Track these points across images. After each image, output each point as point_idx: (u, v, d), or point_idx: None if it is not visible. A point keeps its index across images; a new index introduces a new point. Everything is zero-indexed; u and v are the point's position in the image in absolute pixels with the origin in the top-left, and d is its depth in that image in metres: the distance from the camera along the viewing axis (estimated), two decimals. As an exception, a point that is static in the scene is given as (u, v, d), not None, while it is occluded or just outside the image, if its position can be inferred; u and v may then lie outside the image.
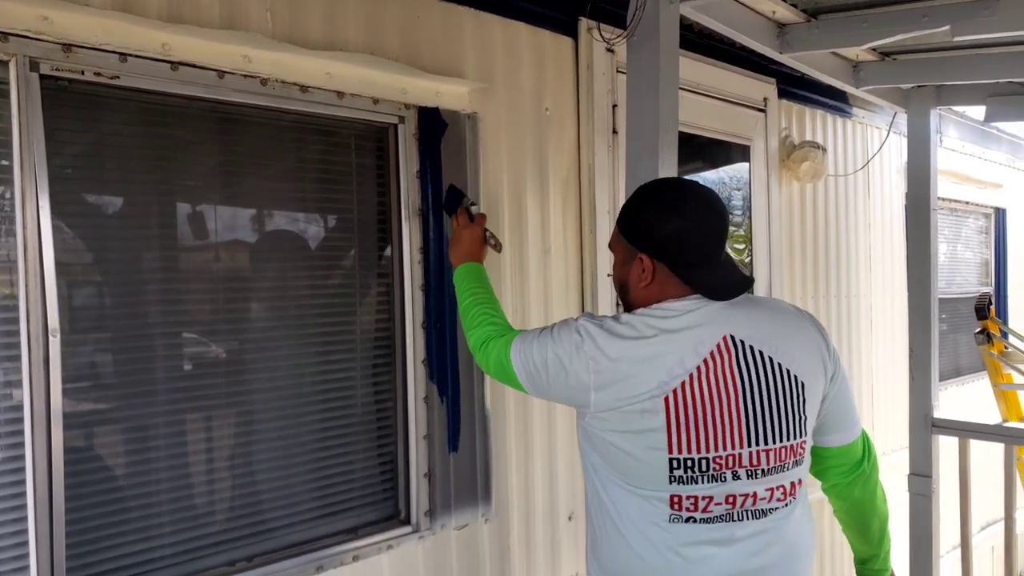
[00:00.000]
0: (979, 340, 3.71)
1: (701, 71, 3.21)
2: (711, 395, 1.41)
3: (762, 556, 1.45)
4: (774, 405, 1.45)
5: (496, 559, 2.46)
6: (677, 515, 1.42)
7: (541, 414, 2.61)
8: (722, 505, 1.42)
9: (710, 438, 1.41)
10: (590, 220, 2.79)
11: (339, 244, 2.26)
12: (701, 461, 1.41)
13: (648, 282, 1.50)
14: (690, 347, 1.42)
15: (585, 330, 1.46)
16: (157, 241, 1.90)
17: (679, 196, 1.53)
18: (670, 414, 1.39)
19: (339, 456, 2.20)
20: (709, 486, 1.41)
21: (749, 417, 1.43)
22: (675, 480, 1.41)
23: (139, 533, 1.82)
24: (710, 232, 1.50)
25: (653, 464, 1.41)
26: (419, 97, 2.27)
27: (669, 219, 1.48)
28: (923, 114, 3.70)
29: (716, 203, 1.54)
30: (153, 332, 1.87)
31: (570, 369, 1.46)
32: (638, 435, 1.41)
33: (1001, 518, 4.73)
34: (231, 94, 1.93)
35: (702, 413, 1.41)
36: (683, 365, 1.41)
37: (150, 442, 1.86)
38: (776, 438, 1.45)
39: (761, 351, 1.46)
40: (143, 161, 1.87)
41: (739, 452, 1.42)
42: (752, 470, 1.43)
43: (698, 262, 1.48)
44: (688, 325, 1.44)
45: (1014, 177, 6.31)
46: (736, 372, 1.43)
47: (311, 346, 2.16)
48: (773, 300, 1.65)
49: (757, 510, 1.45)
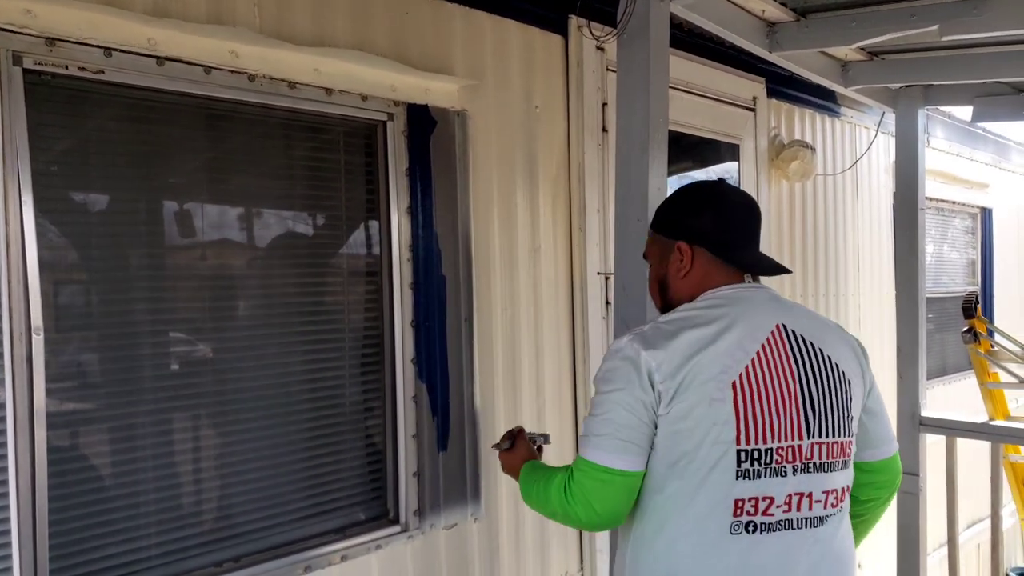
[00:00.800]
0: (966, 339, 3.73)
1: (691, 70, 3.21)
2: (771, 382, 1.37)
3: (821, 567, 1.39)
4: (827, 397, 1.41)
5: (485, 559, 2.45)
6: (738, 522, 1.34)
7: (530, 414, 2.61)
8: (781, 507, 1.36)
9: (774, 427, 1.36)
10: (580, 219, 2.78)
11: (327, 242, 2.24)
12: (766, 452, 1.35)
13: (688, 269, 1.48)
14: (747, 332, 1.39)
15: (632, 344, 1.38)
16: (143, 238, 1.88)
17: (712, 189, 1.54)
18: (737, 402, 1.34)
19: (327, 456, 2.19)
20: (770, 481, 1.35)
21: (806, 406, 1.39)
22: (741, 475, 1.34)
23: (124, 533, 1.80)
24: (746, 219, 1.52)
25: (721, 457, 1.34)
26: (408, 94, 2.26)
27: (705, 207, 1.50)
28: (911, 114, 3.72)
29: (748, 197, 1.58)
30: (138, 331, 1.85)
31: (633, 374, 1.36)
32: (706, 428, 1.34)
33: (987, 516, 4.77)
34: (218, 90, 1.91)
35: (766, 400, 1.36)
36: (743, 349, 1.37)
37: (135, 441, 1.84)
38: (829, 431, 1.41)
39: (811, 342, 1.44)
40: (128, 157, 1.85)
41: (799, 443, 1.38)
42: (807, 464, 1.39)
43: (738, 242, 1.49)
44: (740, 311, 1.42)
45: (1000, 177, 6.35)
46: (792, 360, 1.40)
47: (299, 344, 2.14)
48: (804, 306, 1.63)
49: (814, 517, 1.39)
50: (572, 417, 2.76)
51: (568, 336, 2.76)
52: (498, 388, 2.51)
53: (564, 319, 2.75)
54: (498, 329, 2.52)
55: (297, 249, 2.18)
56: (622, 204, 2.29)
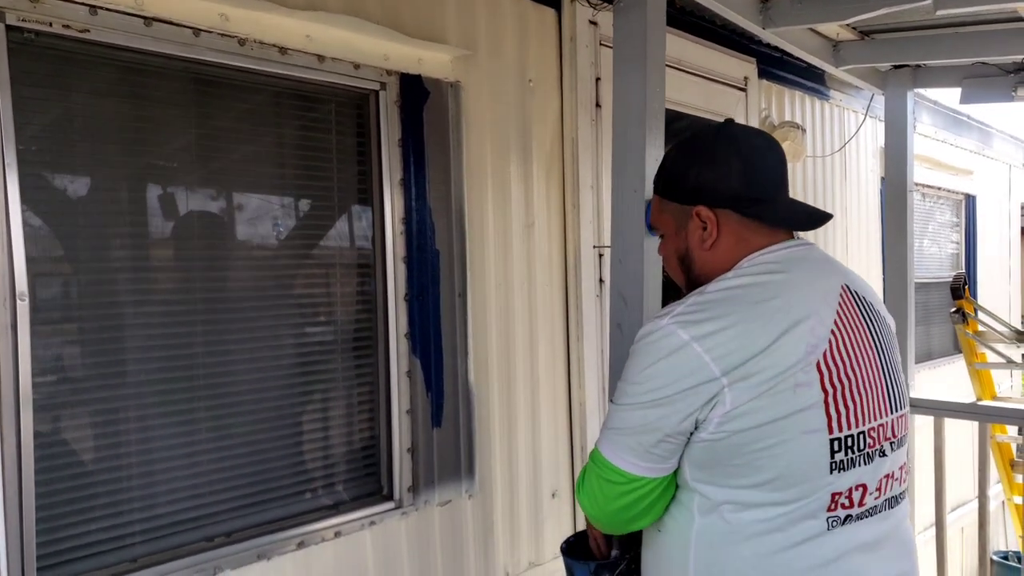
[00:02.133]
0: (954, 319, 3.75)
1: (683, 47, 3.19)
2: (855, 355, 1.18)
3: (901, 561, 1.24)
4: (895, 364, 1.25)
5: (480, 535, 2.43)
6: (835, 517, 1.16)
7: (525, 389, 2.58)
8: (873, 495, 1.19)
9: (864, 406, 1.17)
10: (573, 194, 2.75)
11: (319, 214, 2.20)
12: (859, 437, 1.17)
13: (714, 238, 1.24)
14: (819, 300, 1.18)
15: (675, 324, 1.15)
16: (129, 206, 1.83)
17: (725, 134, 1.28)
18: (825, 384, 1.13)
19: (320, 432, 2.15)
20: (864, 469, 1.18)
21: (887, 378, 1.21)
22: (836, 468, 1.14)
23: (113, 507, 1.75)
24: (772, 162, 1.27)
25: (812, 452, 1.13)
26: (401, 63, 2.22)
27: (721, 159, 1.24)
28: (900, 96, 3.73)
29: (765, 134, 1.35)
30: (127, 300, 1.80)
31: (686, 378, 1.13)
32: (792, 418, 1.12)
33: (971, 499, 4.81)
34: (207, 54, 1.86)
35: (853, 377, 1.16)
36: (823, 322, 1.16)
37: (125, 413, 1.79)
38: (902, 402, 1.24)
39: (870, 302, 1.26)
40: (114, 121, 1.79)
41: (886, 420, 1.21)
42: (892, 442, 1.22)
43: (768, 195, 1.24)
44: (803, 276, 1.20)
45: (984, 164, 6.40)
46: (865, 326, 1.21)
47: (290, 318, 2.09)
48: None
49: (892, 497, 1.23)
50: (565, 394, 2.73)
51: (562, 313, 2.73)
52: (492, 364, 2.48)
53: (558, 296, 2.72)
54: (492, 304, 2.49)
55: (287, 221, 2.14)
56: (619, 176, 2.26)
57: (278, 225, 2.12)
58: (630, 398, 1.18)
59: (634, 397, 1.17)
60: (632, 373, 1.19)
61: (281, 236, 2.12)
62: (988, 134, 6.44)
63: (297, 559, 1.98)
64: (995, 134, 6.60)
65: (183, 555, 1.81)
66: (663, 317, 1.18)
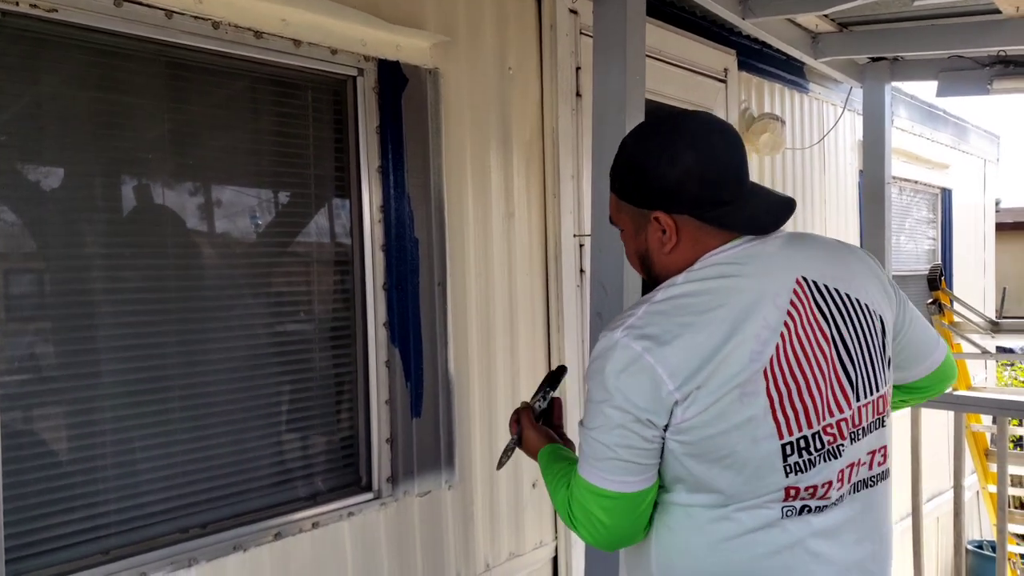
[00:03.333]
0: (931, 310, 3.79)
1: (663, 38, 3.19)
2: (806, 354, 1.15)
3: (864, 545, 1.23)
4: (865, 349, 1.21)
5: (460, 526, 2.41)
6: (790, 507, 1.16)
7: (505, 379, 2.57)
8: (836, 485, 1.18)
9: (818, 406, 1.15)
10: (554, 184, 2.74)
11: (295, 201, 2.17)
12: (814, 437, 1.15)
13: (674, 243, 1.21)
14: (768, 301, 1.15)
15: (625, 336, 1.14)
16: (99, 196, 1.79)
17: (672, 126, 1.22)
18: (770, 390, 1.12)
19: (297, 422, 2.12)
20: (825, 465, 1.16)
21: (847, 370, 1.18)
22: (791, 470, 1.14)
23: (85, 499, 1.72)
24: (729, 157, 1.21)
25: (764, 456, 1.13)
26: (379, 49, 2.19)
27: (677, 157, 1.18)
28: (878, 88, 3.76)
29: (720, 122, 1.28)
30: (98, 288, 1.76)
31: (639, 391, 1.13)
32: (741, 428, 1.12)
33: (946, 489, 4.87)
34: (180, 36, 1.82)
35: (803, 379, 1.14)
36: (769, 326, 1.13)
37: (98, 404, 1.75)
38: (873, 388, 1.21)
39: (836, 288, 1.21)
40: (85, 107, 1.76)
41: (848, 414, 1.18)
42: (857, 431, 1.20)
43: (728, 197, 1.19)
44: (754, 275, 1.17)
45: (960, 159, 6.48)
46: (822, 319, 1.17)
47: (266, 308, 2.07)
48: (811, 234, 1.38)
49: (859, 482, 1.22)
50: (546, 385, 2.72)
51: (543, 302, 2.72)
52: (472, 353, 2.46)
53: (538, 286, 2.71)
54: (472, 294, 2.47)
55: (263, 208, 2.11)
56: (599, 165, 2.26)
57: (253, 213, 2.08)
58: (600, 420, 1.17)
59: (603, 419, 1.16)
60: (596, 393, 1.18)
61: (256, 224, 2.09)
62: (964, 129, 6.51)
63: (274, 550, 1.96)
64: (971, 129, 6.68)
65: (157, 547, 1.78)
66: (616, 329, 1.17)
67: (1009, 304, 14.27)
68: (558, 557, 2.77)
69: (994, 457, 3.88)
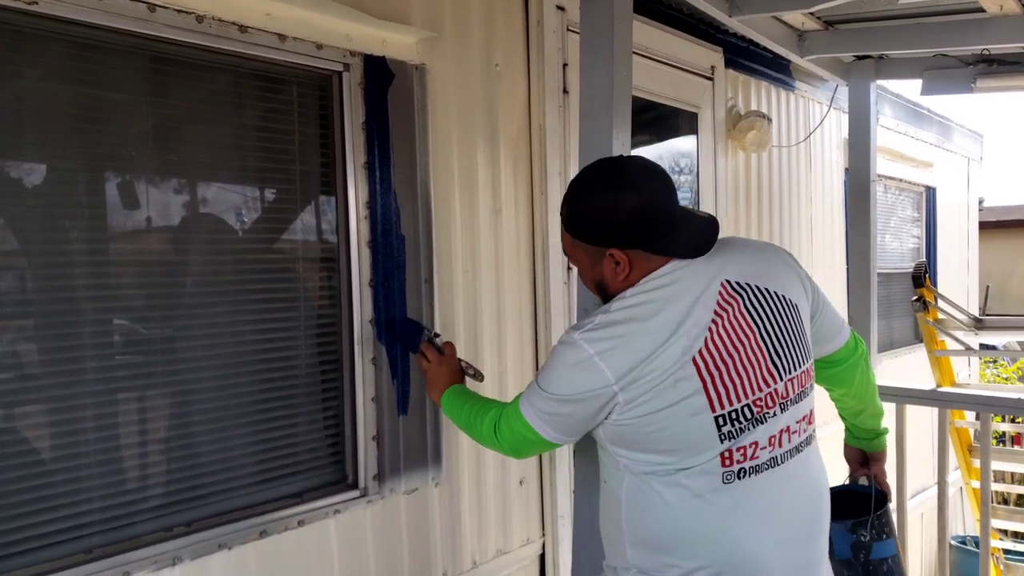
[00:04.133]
0: (916, 307, 3.81)
1: (651, 35, 3.19)
2: (733, 342, 1.42)
3: (803, 502, 1.50)
4: (786, 333, 1.47)
5: (447, 524, 2.40)
6: (729, 471, 1.42)
7: (492, 376, 2.56)
8: (766, 449, 1.44)
9: (745, 384, 1.42)
10: (541, 181, 2.74)
11: (280, 197, 2.15)
12: (744, 409, 1.41)
13: (627, 272, 1.47)
14: (699, 305, 1.42)
15: (584, 340, 1.42)
16: (83, 187, 1.77)
17: (617, 174, 1.48)
18: (702, 374, 1.39)
19: (282, 420, 2.10)
20: (756, 431, 1.42)
21: (771, 351, 1.45)
22: (725, 437, 1.41)
23: (66, 498, 1.69)
24: (663, 192, 1.47)
25: (700, 429, 1.40)
26: (365, 44, 2.18)
27: (622, 202, 1.44)
28: (864, 87, 3.78)
29: (647, 161, 1.54)
30: (80, 284, 1.74)
31: (586, 386, 1.42)
32: (677, 406, 1.39)
33: (930, 485, 4.91)
34: (164, 30, 1.80)
35: (731, 362, 1.41)
36: (698, 324, 1.41)
37: (80, 401, 1.72)
38: (795, 364, 1.47)
39: (757, 285, 1.47)
40: (66, 101, 1.73)
41: (773, 388, 1.44)
42: (785, 402, 1.46)
43: (668, 228, 1.45)
44: (686, 286, 1.44)
45: (944, 157, 6.52)
46: (747, 313, 1.44)
47: (251, 304, 2.05)
48: (736, 238, 1.66)
49: (792, 448, 1.48)
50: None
51: (530, 300, 2.72)
52: (460, 351, 2.44)
53: (526, 283, 2.71)
54: (459, 291, 2.46)
55: (247, 205, 2.09)
56: (586, 163, 2.25)
57: (237, 210, 2.07)
58: (545, 390, 1.48)
59: (549, 390, 1.48)
60: (550, 371, 1.48)
61: (241, 220, 2.07)
62: (948, 128, 6.56)
63: (259, 548, 1.95)
64: (955, 128, 6.73)
65: (140, 545, 1.76)
66: (577, 330, 1.45)
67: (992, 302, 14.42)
68: (545, 554, 2.77)
69: (977, 453, 3.92)
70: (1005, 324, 4.85)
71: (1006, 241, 14.91)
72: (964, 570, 5.22)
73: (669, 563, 1.46)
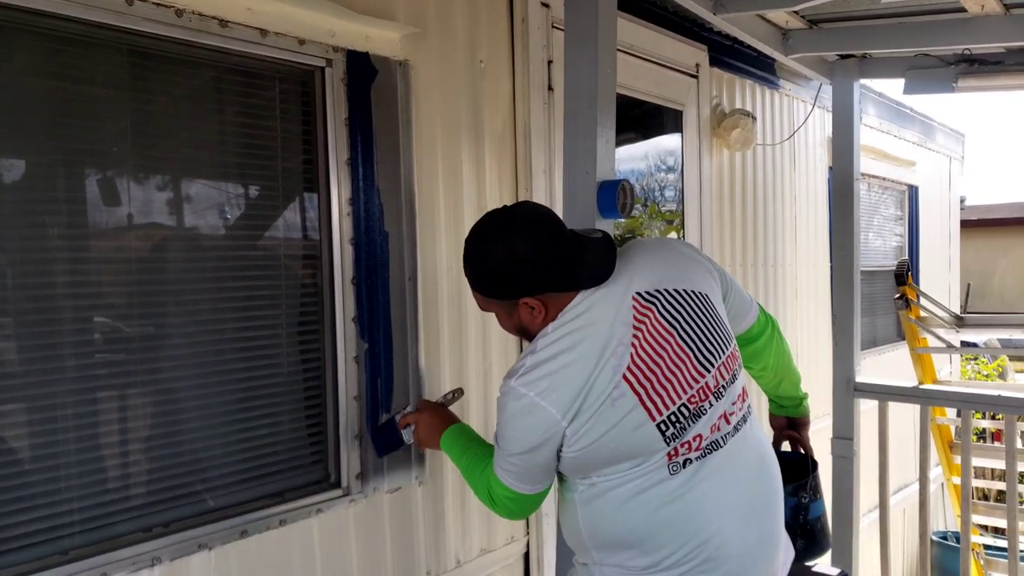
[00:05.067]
0: (898, 305, 3.84)
1: (635, 32, 3.19)
2: (657, 351, 1.49)
3: (748, 474, 1.57)
4: (704, 327, 1.54)
5: (430, 523, 2.39)
6: (675, 463, 1.49)
7: (477, 374, 2.55)
8: (709, 437, 1.51)
9: (677, 386, 1.48)
10: (526, 179, 2.73)
11: (262, 195, 2.13)
12: (681, 409, 1.48)
13: (544, 314, 1.53)
14: (617, 324, 1.48)
15: (522, 386, 1.48)
16: (62, 183, 1.74)
17: (506, 227, 1.52)
18: (635, 388, 1.46)
19: (264, 419, 2.08)
20: (696, 425, 1.50)
21: (695, 349, 1.52)
22: (670, 439, 1.48)
23: (41, 499, 1.67)
24: (556, 235, 1.52)
25: (645, 439, 1.47)
26: (348, 40, 2.16)
27: (521, 254, 1.48)
28: (847, 86, 3.80)
29: (533, 207, 1.64)
30: (58, 281, 1.71)
31: (540, 431, 1.47)
32: (619, 425, 1.46)
33: (912, 481, 4.95)
34: (142, 23, 1.78)
35: (659, 370, 1.48)
36: (623, 342, 1.47)
37: (58, 399, 1.70)
38: (720, 352, 1.55)
39: (666, 289, 1.54)
40: (42, 97, 1.70)
41: (703, 381, 1.51)
42: (718, 390, 1.54)
43: (570, 264, 1.51)
44: (601, 310, 1.50)
45: (926, 156, 6.57)
46: (663, 319, 1.51)
47: (233, 301, 2.02)
48: (637, 243, 1.70)
49: (732, 428, 1.56)
50: (518, 380, 2.71)
51: (514, 298, 2.70)
52: (444, 349, 2.44)
53: (510, 281, 2.69)
54: (444, 289, 2.45)
55: (228, 201, 2.06)
56: (571, 160, 2.25)
57: (218, 206, 2.04)
58: (507, 451, 1.55)
59: (509, 450, 1.54)
60: (503, 429, 1.54)
61: (222, 217, 2.05)
62: (930, 127, 6.61)
63: (240, 548, 1.93)
64: (937, 127, 6.78)
65: (118, 546, 1.74)
66: (512, 377, 1.51)
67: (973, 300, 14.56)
68: (530, 552, 2.76)
69: (958, 450, 3.95)
70: (986, 322, 4.90)
71: (987, 240, 15.09)
72: (945, 565, 5.27)
73: (634, 557, 1.53)
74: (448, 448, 1.90)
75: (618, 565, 1.56)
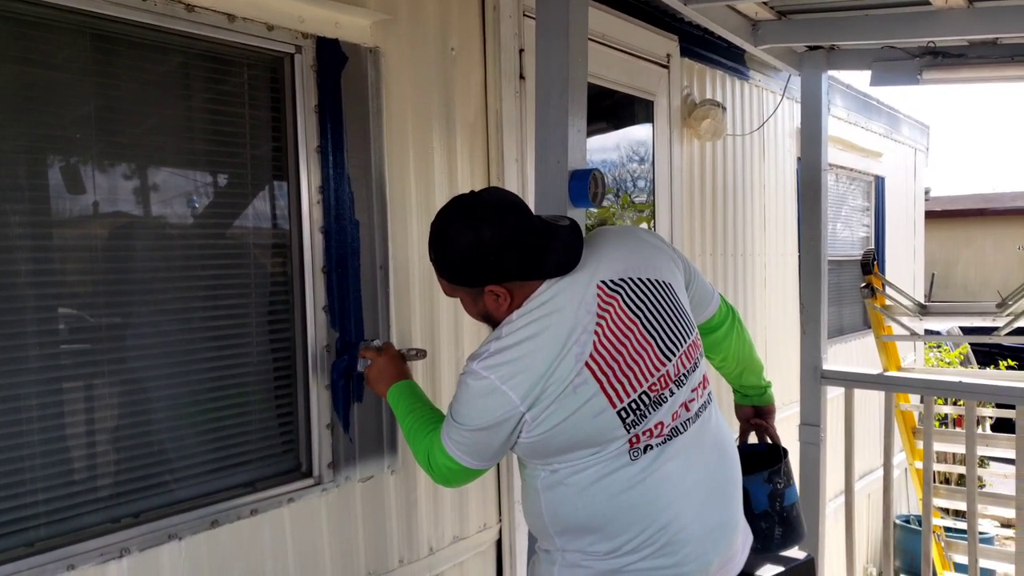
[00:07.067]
0: (864, 294, 3.90)
1: (606, 22, 3.19)
2: (620, 339, 1.49)
3: (708, 462, 1.59)
4: (667, 315, 1.55)
5: (403, 511, 2.40)
6: (636, 449, 1.51)
7: (449, 363, 2.56)
8: (670, 424, 1.53)
9: (639, 374, 1.50)
10: (498, 167, 2.73)
11: (230, 183, 2.10)
12: (642, 396, 1.49)
13: (509, 302, 1.53)
14: (581, 312, 1.49)
15: (484, 369, 1.48)
16: (24, 168, 1.70)
17: (472, 213, 1.51)
18: (597, 375, 1.46)
19: (234, 408, 2.07)
20: (656, 412, 1.51)
21: (657, 338, 1.53)
22: (630, 426, 1.49)
23: (8, 489, 1.64)
24: (523, 221, 1.51)
25: (605, 426, 1.48)
26: (317, 27, 2.14)
27: (487, 241, 1.47)
28: (815, 77, 3.84)
29: (501, 193, 1.61)
30: (21, 270, 1.68)
31: (497, 413, 1.48)
32: (580, 411, 1.47)
33: (877, 467, 5.05)
34: (106, 7, 1.74)
35: (622, 358, 1.48)
36: (586, 330, 1.48)
37: (23, 389, 1.67)
38: (682, 340, 1.56)
39: (631, 277, 1.54)
40: (3, 82, 1.66)
41: (665, 370, 1.53)
42: (679, 378, 1.55)
43: (536, 252, 1.50)
44: (566, 298, 1.50)
45: (892, 147, 6.68)
46: (627, 307, 1.52)
47: (201, 290, 2.01)
48: (603, 231, 1.69)
49: (692, 415, 1.57)
50: (490, 369, 2.71)
51: (486, 286, 2.71)
52: (416, 338, 2.44)
53: (482, 269, 2.69)
54: (415, 278, 2.45)
55: (196, 190, 2.04)
56: (542, 148, 2.26)
57: (185, 194, 2.02)
58: (461, 424, 1.54)
59: (464, 424, 1.53)
60: (460, 404, 1.54)
61: (190, 205, 2.02)
62: (896, 119, 6.72)
63: (211, 538, 1.92)
64: (902, 119, 6.89)
65: (85, 538, 1.72)
66: (476, 360, 1.51)
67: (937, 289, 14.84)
68: (502, 539, 2.78)
69: (921, 435, 4.04)
70: (949, 310, 5.00)
71: (951, 231, 15.38)
72: (907, 547, 5.40)
73: (595, 542, 1.55)
74: (394, 402, 1.86)
75: (580, 551, 1.57)
